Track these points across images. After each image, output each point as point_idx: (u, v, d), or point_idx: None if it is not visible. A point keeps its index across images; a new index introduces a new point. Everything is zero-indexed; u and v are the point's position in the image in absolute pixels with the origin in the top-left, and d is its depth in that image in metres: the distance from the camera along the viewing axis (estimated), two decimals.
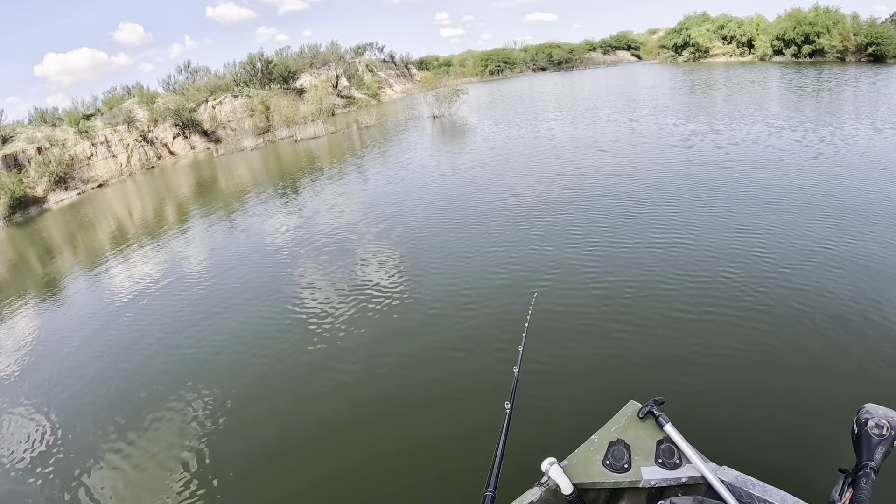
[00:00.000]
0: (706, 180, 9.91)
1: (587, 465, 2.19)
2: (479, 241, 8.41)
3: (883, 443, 1.77)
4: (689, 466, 2.09)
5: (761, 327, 4.96)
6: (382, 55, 61.04)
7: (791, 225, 7.22)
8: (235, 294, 8.24)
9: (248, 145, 30.54)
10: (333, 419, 4.73)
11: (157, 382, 6.04)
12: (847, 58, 33.92)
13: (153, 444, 4.91)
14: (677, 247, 7.02)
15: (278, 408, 5.08)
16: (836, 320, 4.90)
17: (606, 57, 76.82)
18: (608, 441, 2.25)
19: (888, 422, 1.81)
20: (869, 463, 1.74)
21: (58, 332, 8.48)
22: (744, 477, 1.99)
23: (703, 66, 41.71)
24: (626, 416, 2.40)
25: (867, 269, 5.73)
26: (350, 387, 5.16)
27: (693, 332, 5.10)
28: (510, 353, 3.50)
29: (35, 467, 5.00)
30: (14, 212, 24.14)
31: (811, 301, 5.27)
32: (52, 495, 4.56)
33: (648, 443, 2.22)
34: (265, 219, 12.96)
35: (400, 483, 3.86)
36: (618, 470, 2.13)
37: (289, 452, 4.42)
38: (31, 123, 32.07)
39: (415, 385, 5.00)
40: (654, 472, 2.09)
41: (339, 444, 4.41)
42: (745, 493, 1.93)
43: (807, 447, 3.48)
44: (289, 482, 4.09)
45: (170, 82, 41.27)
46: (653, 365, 4.69)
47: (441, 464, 3.91)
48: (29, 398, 6.46)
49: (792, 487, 1.90)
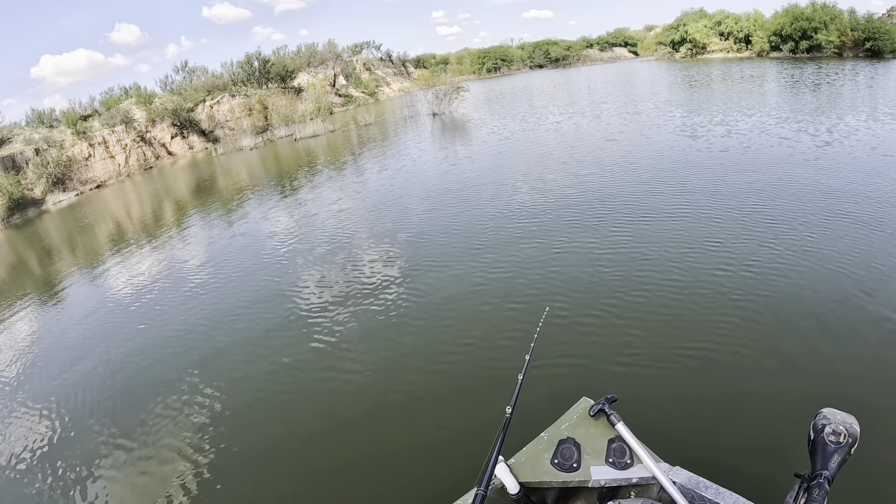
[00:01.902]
0: (704, 181, 9.90)
1: (535, 463, 2.15)
2: (490, 240, 8.37)
3: (839, 451, 1.74)
4: (640, 466, 2.05)
5: (721, 327, 4.90)
6: (380, 53, 60.94)
7: (748, 228, 7.18)
8: (237, 292, 8.21)
9: (246, 144, 30.44)
10: (333, 417, 4.72)
11: (157, 379, 6.03)
12: (844, 53, 33.90)
13: (154, 440, 4.92)
14: (651, 231, 7.00)
15: (279, 404, 5.08)
16: (795, 320, 4.85)
17: (603, 54, 76.77)
18: (558, 439, 2.21)
19: (846, 428, 1.77)
20: (824, 472, 1.70)
21: (57, 332, 8.44)
22: (696, 478, 1.97)
23: (701, 63, 41.64)
24: (578, 413, 2.35)
25: (828, 269, 5.70)
26: (352, 384, 5.15)
27: (649, 327, 5.05)
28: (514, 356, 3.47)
29: (36, 462, 5.01)
30: (12, 213, 24.01)
31: (769, 300, 5.22)
32: (51, 490, 4.56)
33: (599, 441, 2.18)
34: (267, 218, 12.92)
35: (396, 478, 3.85)
36: (566, 469, 2.09)
37: (286, 450, 4.42)
38: (29, 125, 31.92)
39: (415, 385, 4.96)
40: (604, 471, 2.06)
41: (340, 442, 4.38)
42: (698, 496, 1.90)
43: (762, 449, 3.41)
44: (287, 477, 4.10)
45: (167, 82, 41.08)
46: (606, 361, 4.65)
47: (438, 463, 3.88)
48: (30, 396, 6.45)
49: (746, 490, 1.89)
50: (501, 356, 5.05)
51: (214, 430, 4.89)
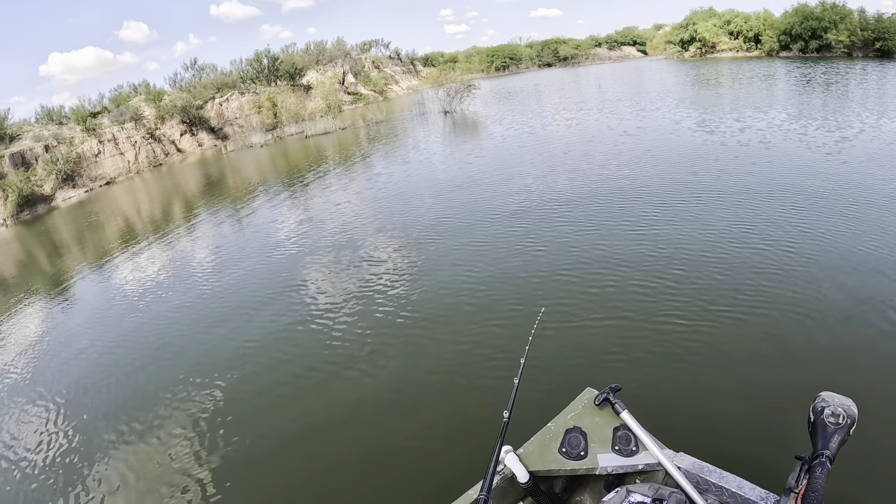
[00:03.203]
0: (709, 183, 9.65)
1: (543, 452, 2.19)
2: (500, 242, 8.16)
3: (839, 431, 1.77)
4: (645, 453, 2.09)
5: (721, 316, 4.97)
6: (388, 52, 60.75)
7: (746, 217, 7.36)
8: (245, 289, 8.16)
9: (256, 141, 30.32)
10: (334, 415, 4.71)
11: (166, 375, 6.02)
12: (854, 53, 33.45)
13: (161, 435, 4.92)
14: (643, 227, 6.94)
15: (284, 401, 5.08)
16: (794, 308, 4.92)
17: (612, 53, 76.28)
18: (564, 428, 2.25)
19: (844, 410, 1.80)
20: (825, 452, 1.73)
21: (67, 328, 8.40)
22: (700, 463, 2.02)
23: (711, 62, 41.21)
24: (583, 403, 2.39)
25: (825, 259, 5.81)
26: (355, 382, 5.13)
27: (651, 318, 5.10)
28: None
29: (47, 458, 5.00)
30: (22, 210, 23.99)
31: (768, 290, 5.30)
32: (62, 479, 4.62)
33: (605, 430, 2.22)
34: (279, 217, 12.73)
35: (391, 478, 3.84)
36: (574, 457, 2.13)
37: (283, 448, 4.42)
38: (38, 122, 31.86)
39: (415, 384, 4.92)
40: (611, 459, 2.10)
41: (339, 441, 4.37)
42: (702, 480, 1.95)
43: (763, 434, 3.47)
44: (282, 475, 4.12)
45: (176, 80, 41.04)
46: (610, 351, 4.72)
47: (438, 467, 3.84)
48: (40, 389, 6.43)
49: (748, 474, 1.94)
50: (500, 357, 5.05)
51: (222, 424, 4.87)
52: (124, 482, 4.42)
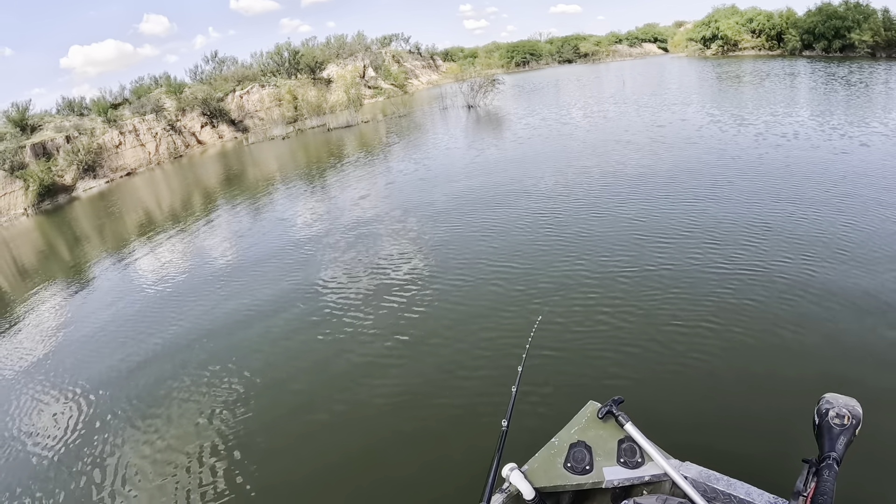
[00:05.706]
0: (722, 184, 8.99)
1: (548, 468, 2.15)
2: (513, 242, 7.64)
3: (844, 433, 1.74)
4: (651, 464, 2.06)
5: (719, 321, 4.83)
6: (408, 46, 60.19)
7: (741, 214, 7.18)
8: (263, 281, 7.96)
9: (277, 134, 29.96)
10: (333, 416, 4.60)
11: (184, 365, 5.92)
12: (878, 53, 32.21)
13: (179, 424, 4.87)
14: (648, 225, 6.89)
15: (290, 397, 5.00)
16: (794, 310, 4.81)
17: (633, 49, 74.93)
18: (569, 443, 2.22)
19: (849, 411, 1.77)
20: (831, 454, 1.70)
21: (87, 316, 8.29)
22: (707, 472, 1.99)
23: (734, 60, 40.01)
24: (586, 416, 2.36)
25: (828, 257, 5.66)
26: (358, 381, 5.02)
27: (651, 322, 4.98)
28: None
29: (69, 444, 4.97)
30: (43, 199, 23.86)
31: (768, 292, 5.15)
32: (82, 469, 4.57)
33: (609, 443, 2.19)
34: (302, 210, 12.21)
35: (389, 489, 3.69)
36: (579, 472, 2.09)
37: (282, 448, 4.35)
38: (59, 113, 31.74)
39: (416, 385, 4.78)
40: (617, 471, 2.07)
41: (339, 440, 4.27)
42: (710, 489, 1.92)
43: (769, 438, 3.41)
44: (288, 469, 4.08)
45: (197, 72, 40.85)
46: (612, 362, 4.55)
47: (437, 476, 3.71)
48: (59, 378, 6.34)
49: (756, 480, 1.91)
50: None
51: (242, 414, 4.81)
52: (139, 470, 4.39)
